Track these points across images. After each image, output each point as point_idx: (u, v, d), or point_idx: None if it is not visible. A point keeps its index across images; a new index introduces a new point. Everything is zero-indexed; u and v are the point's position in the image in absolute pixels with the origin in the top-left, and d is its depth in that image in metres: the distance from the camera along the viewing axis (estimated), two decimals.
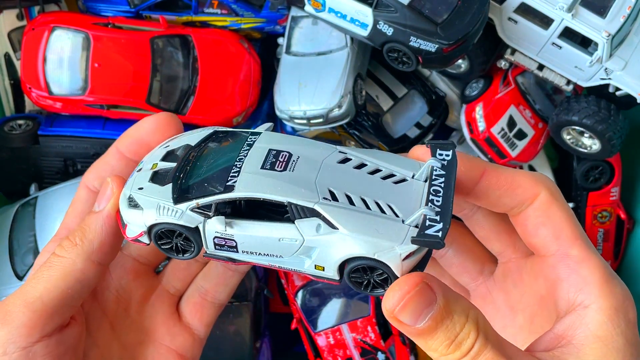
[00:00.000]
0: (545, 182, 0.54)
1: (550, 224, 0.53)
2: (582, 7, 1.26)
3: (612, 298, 0.50)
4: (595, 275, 0.50)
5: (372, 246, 0.48)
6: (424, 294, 0.46)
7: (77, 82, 1.44)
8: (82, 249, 0.54)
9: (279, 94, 1.45)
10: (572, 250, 0.52)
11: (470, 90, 1.52)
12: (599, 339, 0.48)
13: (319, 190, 0.50)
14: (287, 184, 0.50)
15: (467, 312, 0.47)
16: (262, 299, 1.50)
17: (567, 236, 0.53)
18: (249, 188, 0.50)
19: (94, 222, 0.55)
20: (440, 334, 0.46)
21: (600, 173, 1.55)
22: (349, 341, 1.43)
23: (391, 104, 1.54)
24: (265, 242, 0.52)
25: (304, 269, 0.53)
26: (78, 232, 0.55)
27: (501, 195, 0.54)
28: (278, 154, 0.53)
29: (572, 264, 0.52)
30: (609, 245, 1.62)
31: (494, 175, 0.53)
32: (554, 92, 1.57)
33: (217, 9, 1.52)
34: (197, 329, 0.68)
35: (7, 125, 1.46)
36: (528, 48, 1.37)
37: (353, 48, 1.43)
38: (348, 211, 0.49)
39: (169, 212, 0.52)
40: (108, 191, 0.56)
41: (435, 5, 1.25)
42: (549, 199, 0.53)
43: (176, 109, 1.49)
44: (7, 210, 1.43)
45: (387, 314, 0.47)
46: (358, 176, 0.52)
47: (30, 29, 1.45)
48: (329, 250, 0.50)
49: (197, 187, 0.53)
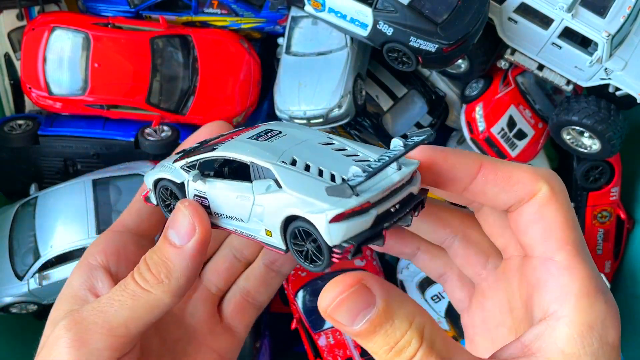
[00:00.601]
0: (548, 178, 0.50)
1: (542, 224, 0.49)
2: (582, 7, 1.26)
3: (588, 313, 0.45)
4: (575, 285, 0.46)
5: (304, 204, 0.48)
6: (360, 296, 0.43)
7: (77, 82, 1.44)
8: (169, 287, 0.53)
9: (279, 94, 1.45)
10: (557, 255, 0.48)
11: (470, 90, 1.52)
12: (564, 355, 0.44)
13: (282, 156, 0.51)
14: (257, 148, 0.52)
15: (411, 318, 0.44)
16: None
17: (557, 239, 0.48)
18: (226, 150, 0.54)
19: (178, 260, 0.53)
20: (378, 338, 0.43)
21: (600, 173, 1.55)
22: (349, 341, 1.43)
23: (391, 104, 1.54)
24: (227, 200, 0.54)
25: (259, 236, 0.53)
26: (162, 268, 0.53)
27: (498, 191, 0.50)
28: (270, 131, 0.56)
29: (554, 270, 0.47)
30: (609, 245, 1.62)
31: (491, 170, 0.50)
32: (554, 92, 1.57)
33: (217, 9, 1.52)
34: (238, 329, 0.68)
35: (7, 125, 1.46)
36: (528, 48, 1.37)
37: (353, 48, 1.43)
38: (298, 174, 0.50)
39: (166, 170, 0.58)
40: (188, 224, 0.53)
41: (435, 5, 1.25)
42: (548, 197, 0.49)
43: (176, 109, 1.49)
44: (7, 210, 1.43)
45: (321, 312, 0.45)
46: (329, 154, 0.53)
47: (30, 29, 1.45)
48: (273, 210, 0.50)
49: (194, 151, 0.58)
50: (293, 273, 1.47)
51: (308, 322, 1.45)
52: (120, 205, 1.35)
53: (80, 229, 1.30)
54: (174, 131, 1.48)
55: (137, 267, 0.54)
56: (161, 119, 1.47)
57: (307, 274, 1.47)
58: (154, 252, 0.54)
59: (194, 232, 0.53)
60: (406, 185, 0.50)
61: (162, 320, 0.62)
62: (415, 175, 0.51)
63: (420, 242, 0.63)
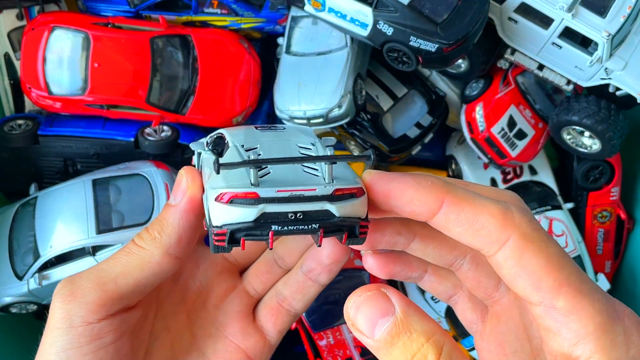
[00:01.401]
0: (515, 222, 0.46)
1: (526, 275, 0.45)
2: (582, 7, 1.26)
3: (612, 351, 0.43)
4: (589, 327, 0.44)
5: (214, 181, 0.50)
6: (378, 301, 0.45)
7: (76, 82, 1.44)
8: (160, 243, 0.56)
9: (278, 94, 1.45)
10: (557, 302, 0.45)
11: (470, 90, 1.52)
12: None
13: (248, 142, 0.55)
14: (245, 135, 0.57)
15: (429, 334, 0.44)
16: None
17: (549, 286, 0.45)
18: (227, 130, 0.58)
19: (171, 216, 0.56)
20: (396, 351, 0.44)
21: (600, 173, 1.55)
22: (349, 341, 1.43)
23: (391, 104, 1.54)
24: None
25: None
26: (157, 225, 0.57)
27: (462, 233, 0.47)
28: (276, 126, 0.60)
29: (560, 318, 0.45)
30: (609, 245, 1.62)
31: (453, 209, 0.47)
32: (554, 92, 1.57)
33: (217, 8, 1.52)
34: (270, 333, 0.68)
35: (7, 125, 1.46)
36: (528, 48, 1.37)
37: (353, 48, 1.42)
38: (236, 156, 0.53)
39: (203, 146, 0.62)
40: (183, 184, 0.56)
41: (435, 5, 1.24)
42: (520, 245, 0.45)
43: (176, 109, 1.49)
44: (7, 210, 1.43)
45: (346, 319, 0.46)
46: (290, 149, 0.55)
47: (30, 28, 1.45)
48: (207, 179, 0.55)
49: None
50: None
51: (308, 322, 1.45)
52: (120, 205, 1.35)
53: (80, 229, 1.30)
54: (174, 131, 1.48)
55: (138, 234, 0.58)
56: (161, 118, 1.47)
57: None
58: (157, 217, 0.58)
59: (185, 190, 0.56)
60: (322, 200, 0.47)
61: (197, 315, 0.65)
62: (345, 196, 0.48)
63: (427, 265, 0.61)
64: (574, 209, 1.59)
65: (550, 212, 1.53)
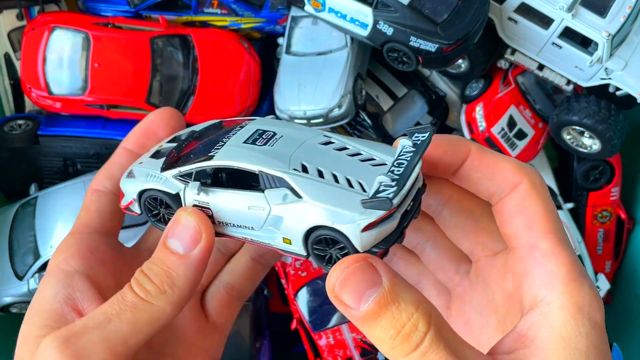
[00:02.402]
0: (529, 172, 0.52)
1: (525, 215, 0.50)
2: (582, 7, 1.26)
3: (577, 296, 0.46)
4: (561, 270, 0.48)
5: (332, 215, 0.48)
6: (366, 273, 0.44)
7: (77, 82, 1.44)
8: (172, 298, 0.50)
9: (279, 94, 1.45)
10: (541, 243, 0.49)
11: (470, 90, 1.52)
12: (562, 339, 0.45)
13: (291, 162, 0.51)
14: (262, 155, 0.51)
15: (417, 304, 0.44)
16: (262, 299, 1.50)
17: (540, 229, 0.50)
18: (226, 157, 0.52)
19: (183, 268, 0.50)
20: (384, 321, 0.43)
21: (601, 173, 1.55)
22: (349, 341, 1.43)
23: (391, 104, 1.54)
24: (236, 211, 0.53)
25: (274, 243, 0.53)
26: (164, 277, 0.50)
27: (482, 177, 0.52)
28: (263, 133, 0.55)
29: (540, 257, 0.49)
30: (609, 245, 1.61)
31: (477, 156, 0.52)
32: (554, 92, 1.57)
33: (217, 8, 1.52)
34: (224, 326, 0.66)
35: (7, 125, 1.46)
36: (528, 48, 1.37)
37: (353, 48, 1.42)
38: (315, 182, 0.50)
39: (155, 179, 0.55)
40: (193, 230, 0.51)
41: (435, 5, 1.25)
42: (529, 189, 0.51)
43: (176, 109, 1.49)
44: (7, 210, 1.43)
45: (329, 292, 0.45)
46: (335, 155, 0.53)
47: (30, 29, 1.45)
48: (294, 220, 0.50)
49: (184, 158, 0.56)
50: (293, 273, 1.47)
51: (308, 322, 1.45)
52: None
53: None
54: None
55: (134, 279, 0.51)
56: None
57: (307, 274, 1.47)
58: (153, 263, 0.51)
59: (200, 239, 0.51)
60: (415, 183, 0.51)
61: None
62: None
63: (396, 248, 0.63)
64: (574, 209, 1.59)
65: None
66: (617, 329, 1.51)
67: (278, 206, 0.50)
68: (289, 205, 0.50)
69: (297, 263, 1.48)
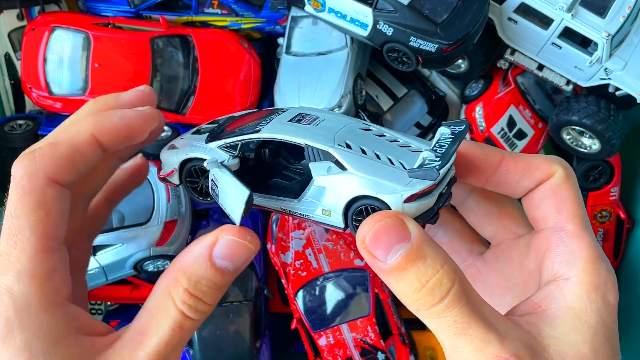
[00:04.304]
0: (561, 162, 0.55)
1: (555, 199, 0.54)
2: (582, 7, 1.26)
3: (594, 275, 0.49)
4: (583, 251, 0.51)
5: (376, 185, 0.50)
6: (396, 228, 0.46)
7: (77, 82, 1.44)
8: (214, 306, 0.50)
9: (279, 94, 1.45)
10: (568, 225, 0.53)
11: (470, 90, 1.52)
12: (573, 311, 0.48)
13: (336, 139, 0.54)
14: (308, 132, 0.54)
15: (442, 262, 0.46)
16: (262, 299, 1.50)
17: (568, 212, 0.53)
18: (272, 131, 0.54)
19: (229, 281, 0.51)
20: (409, 275, 0.45)
21: (600, 173, 1.55)
22: (348, 341, 1.43)
23: (391, 104, 1.54)
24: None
25: (313, 215, 0.55)
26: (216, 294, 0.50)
27: (520, 179, 0.55)
28: (306, 115, 0.58)
29: (565, 237, 0.52)
30: (609, 245, 1.62)
31: (511, 161, 0.55)
32: (553, 92, 1.57)
33: (217, 9, 1.52)
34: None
35: (7, 125, 1.47)
36: (528, 48, 1.37)
37: (353, 48, 1.43)
38: (359, 156, 0.52)
39: (200, 149, 0.57)
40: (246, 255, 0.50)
41: (435, 6, 1.25)
42: (562, 177, 0.54)
43: (176, 109, 1.49)
44: None
45: (359, 243, 0.47)
46: (375, 139, 0.56)
47: (31, 29, 1.45)
48: (336, 190, 0.52)
49: (229, 132, 0.58)
50: (293, 273, 1.47)
51: (308, 322, 1.45)
52: (121, 205, 1.35)
53: None
54: (174, 131, 1.48)
55: (183, 304, 0.49)
56: None
57: (307, 274, 1.47)
58: (201, 283, 0.49)
59: (251, 254, 0.51)
60: (450, 171, 0.54)
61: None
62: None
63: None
64: None
65: None
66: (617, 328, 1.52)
67: (322, 177, 0.53)
68: (332, 176, 0.52)
69: (297, 263, 1.48)
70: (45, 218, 0.49)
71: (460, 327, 0.45)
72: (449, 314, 0.45)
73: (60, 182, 0.51)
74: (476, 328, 0.45)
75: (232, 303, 1.42)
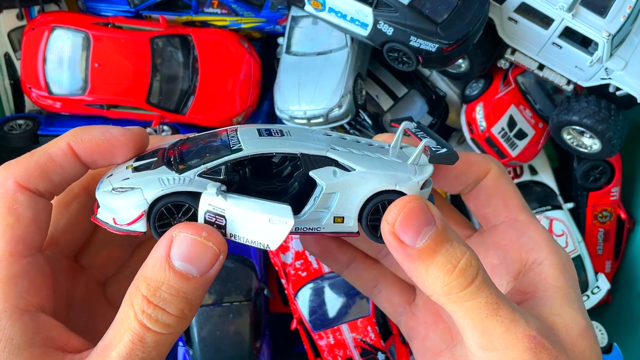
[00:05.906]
0: (493, 160, 0.60)
1: (500, 194, 0.58)
2: (583, 7, 1.26)
3: (557, 256, 0.54)
4: (541, 236, 0.55)
5: (392, 178, 0.50)
6: (423, 211, 0.47)
7: (77, 82, 1.44)
8: (190, 320, 0.47)
9: (279, 94, 1.45)
10: (520, 216, 0.57)
11: (470, 90, 1.52)
12: (557, 289, 0.52)
13: (324, 144, 0.52)
14: (294, 141, 0.51)
15: (465, 244, 0.47)
16: (262, 299, 1.50)
17: (515, 204, 0.58)
18: (258, 147, 0.50)
19: (199, 290, 0.47)
20: (440, 257, 0.45)
21: (601, 173, 1.55)
22: (349, 341, 1.43)
23: (391, 104, 1.54)
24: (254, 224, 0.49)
25: (321, 226, 0.51)
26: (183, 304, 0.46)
27: (458, 174, 0.58)
28: (269, 130, 0.54)
29: (521, 227, 0.56)
30: (609, 245, 1.61)
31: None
32: (554, 91, 1.56)
33: (217, 8, 1.52)
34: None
35: (7, 125, 1.46)
36: (528, 48, 1.37)
37: (353, 48, 1.42)
38: (357, 155, 0.51)
39: (176, 182, 0.48)
40: (211, 256, 0.46)
41: (436, 5, 1.25)
42: (499, 173, 0.59)
43: (176, 109, 1.49)
44: None
45: (386, 231, 0.47)
46: (347, 141, 0.55)
47: (30, 28, 1.45)
48: (349, 193, 0.50)
49: (198, 158, 0.50)
50: (293, 273, 1.47)
51: (308, 322, 1.45)
52: None
53: None
54: (174, 131, 1.48)
55: (143, 314, 0.45)
56: (161, 118, 1.47)
57: (307, 274, 1.47)
58: (160, 290, 0.45)
59: (217, 260, 0.47)
60: None
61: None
62: None
63: (357, 253, 0.69)
64: (574, 209, 1.59)
65: (550, 212, 1.53)
66: (617, 329, 1.51)
67: (331, 183, 0.50)
68: (342, 179, 0.50)
69: (297, 263, 1.48)
70: (15, 223, 0.48)
71: (492, 308, 0.46)
72: (481, 294, 0.45)
73: (32, 189, 0.50)
74: (505, 309, 0.46)
75: (232, 303, 1.42)
